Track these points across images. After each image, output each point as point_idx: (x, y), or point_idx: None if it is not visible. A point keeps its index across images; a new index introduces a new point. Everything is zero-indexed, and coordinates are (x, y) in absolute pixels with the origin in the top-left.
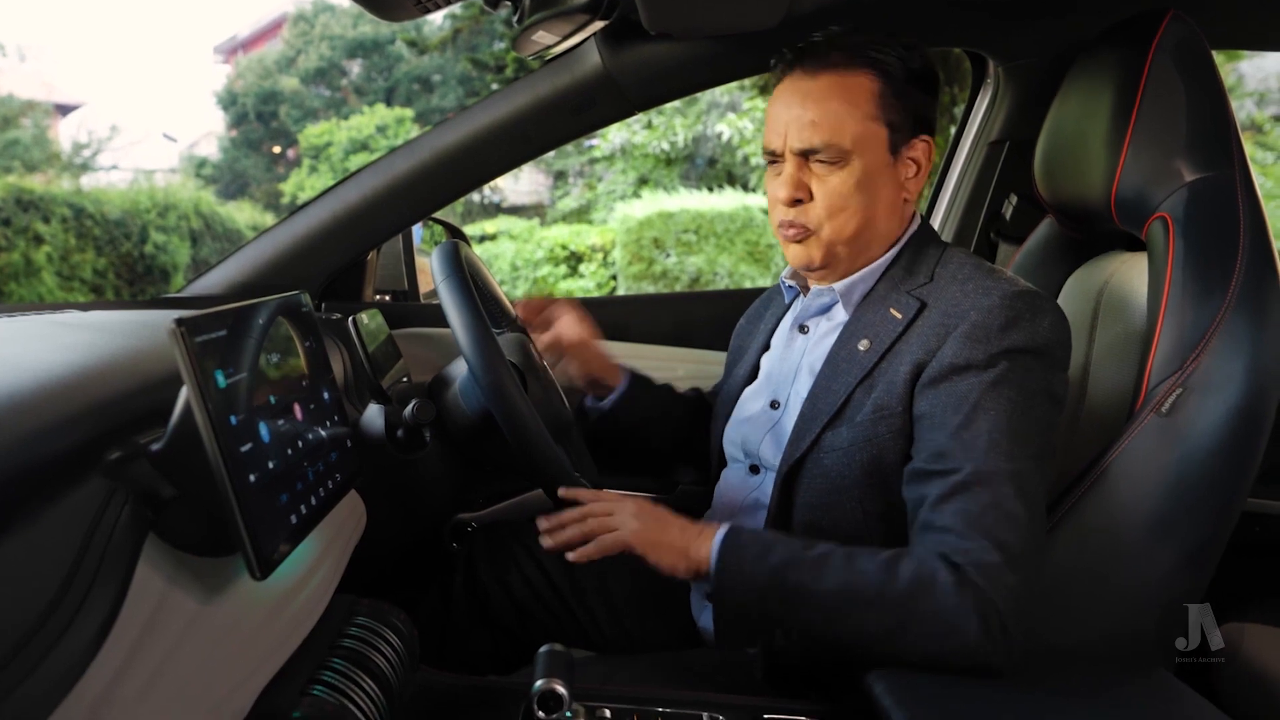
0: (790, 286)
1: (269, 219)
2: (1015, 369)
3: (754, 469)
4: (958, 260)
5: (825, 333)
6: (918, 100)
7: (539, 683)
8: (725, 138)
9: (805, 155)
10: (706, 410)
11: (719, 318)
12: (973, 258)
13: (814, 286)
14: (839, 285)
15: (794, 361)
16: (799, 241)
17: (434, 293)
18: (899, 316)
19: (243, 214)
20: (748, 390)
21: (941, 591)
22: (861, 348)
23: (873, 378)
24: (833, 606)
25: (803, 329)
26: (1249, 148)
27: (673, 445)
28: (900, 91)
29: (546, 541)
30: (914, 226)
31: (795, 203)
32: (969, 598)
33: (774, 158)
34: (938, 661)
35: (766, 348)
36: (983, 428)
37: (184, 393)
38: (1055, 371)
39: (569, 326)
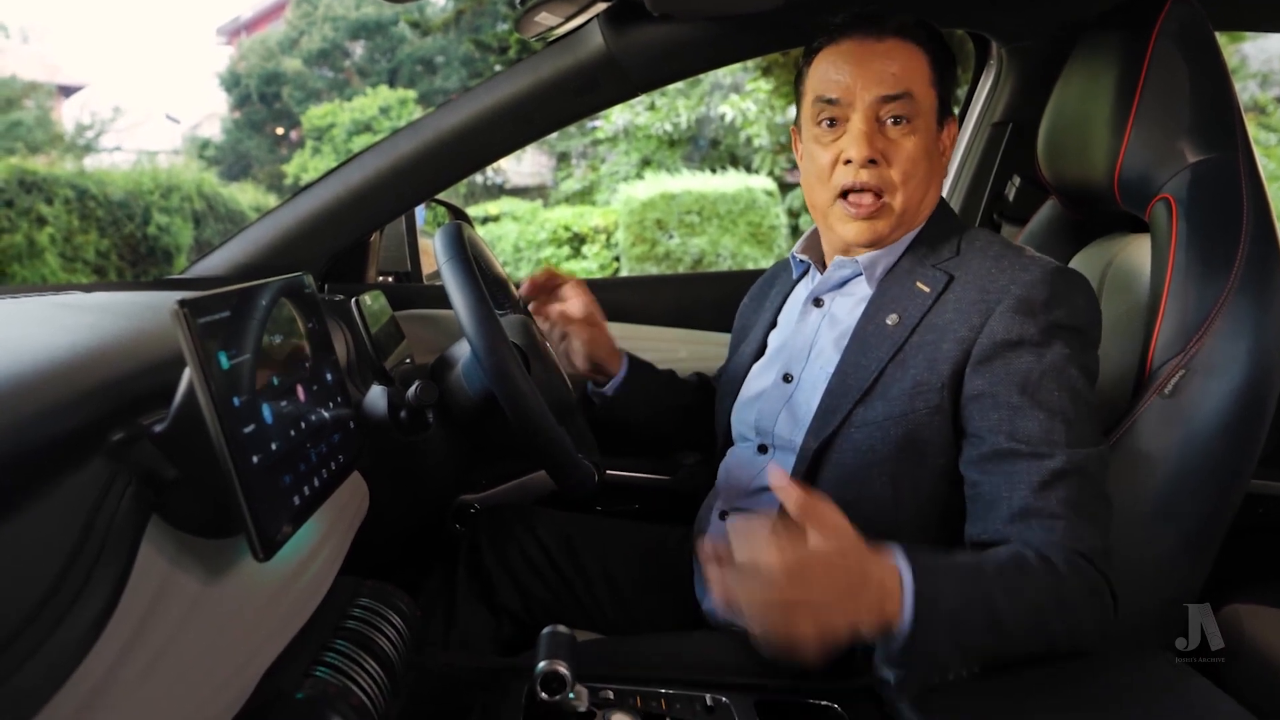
0: (801, 261)
1: (272, 200)
2: (1064, 347)
3: (762, 448)
4: (984, 238)
5: (845, 307)
6: (950, 82)
7: (542, 664)
8: (728, 119)
9: (883, 103)
10: (709, 394)
11: (722, 299)
12: (997, 236)
13: (836, 258)
14: (863, 259)
15: (808, 335)
16: (870, 218)
17: (437, 274)
18: (926, 290)
19: (245, 195)
20: (756, 366)
21: (1090, 585)
22: (890, 322)
23: (904, 353)
24: (1025, 626)
25: (818, 302)
26: (1252, 129)
27: (675, 430)
28: (943, 71)
29: (793, 506)
30: (938, 206)
31: (871, 162)
32: (1103, 587)
33: (832, 117)
34: (1077, 648)
35: (774, 325)
36: (1057, 408)
37: (187, 374)
38: (1090, 349)
39: (577, 305)
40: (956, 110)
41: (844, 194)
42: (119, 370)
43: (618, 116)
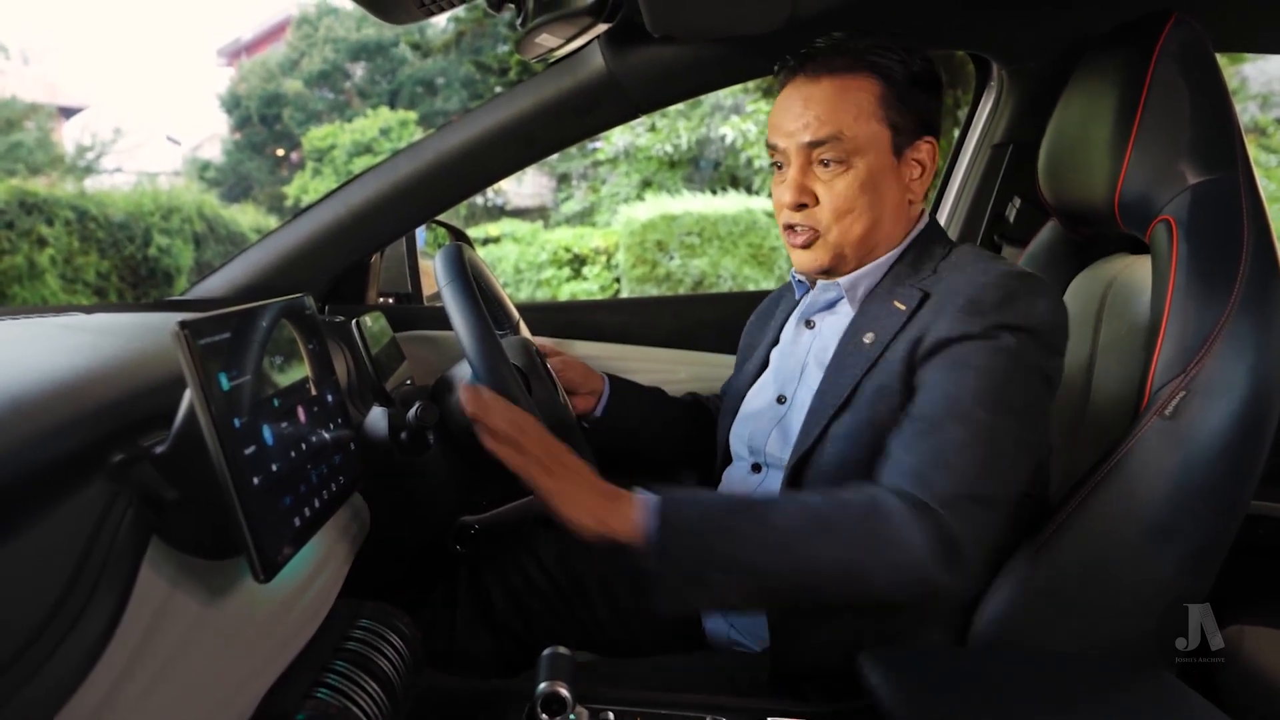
0: (801, 282)
1: (272, 222)
2: (1011, 340)
3: (755, 467)
4: (961, 252)
5: (831, 327)
6: (920, 102)
7: (542, 685)
8: (729, 140)
9: (811, 149)
10: (703, 413)
11: (722, 321)
12: (978, 250)
13: (820, 281)
14: (844, 280)
15: (800, 356)
16: (806, 246)
17: (437, 295)
18: (902, 308)
19: (246, 217)
20: (755, 386)
21: (895, 514)
22: (867, 340)
23: (877, 366)
24: (784, 544)
25: (809, 324)
26: (1253, 151)
27: (670, 447)
28: (902, 94)
29: (468, 406)
30: (921, 225)
31: (800, 206)
32: (925, 520)
33: (777, 162)
34: (897, 591)
35: (776, 342)
36: (969, 383)
37: (187, 395)
38: (1050, 355)
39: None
40: (960, 119)
41: (785, 226)
42: (119, 391)
43: (618, 138)
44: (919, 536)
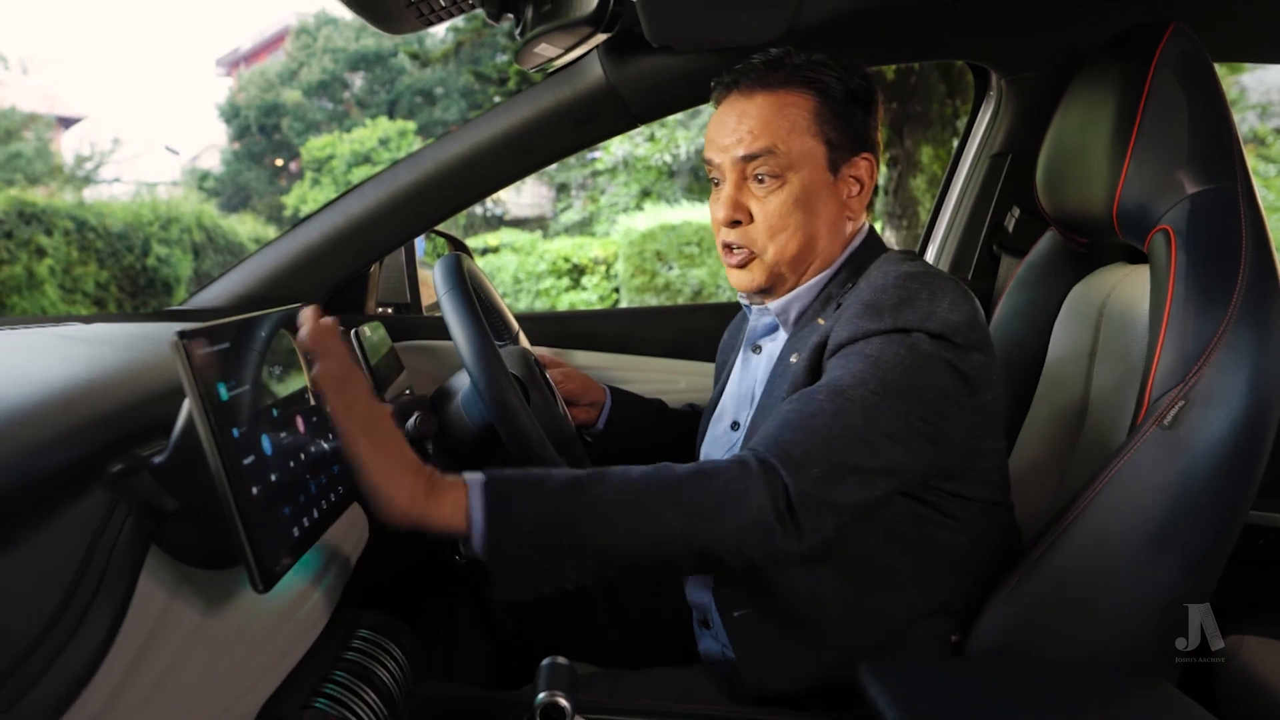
0: (749, 305)
1: (271, 232)
2: (911, 343)
3: None
4: (880, 260)
5: (775, 352)
6: (858, 119)
7: (542, 695)
8: None
9: (745, 163)
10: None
11: (721, 331)
12: (899, 254)
13: (755, 307)
14: (774, 305)
15: (750, 382)
16: (741, 266)
17: (436, 305)
18: (824, 324)
19: (245, 227)
20: (716, 411)
21: (728, 468)
22: (793, 360)
23: (796, 383)
24: (622, 512)
25: (756, 349)
26: (1251, 160)
27: (666, 458)
28: (839, 110)
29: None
30: (856, 242)
31: (734, 224)
32: (757, 473)
33: (714, 178)
34: (738, 549)
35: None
36: (855, 367)
37: (186, 405)
38: (961, 352)
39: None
40: (959, 128)
41: (722, 244)
42: (118, 401)
43: (617, 148)
44: (755, 492)
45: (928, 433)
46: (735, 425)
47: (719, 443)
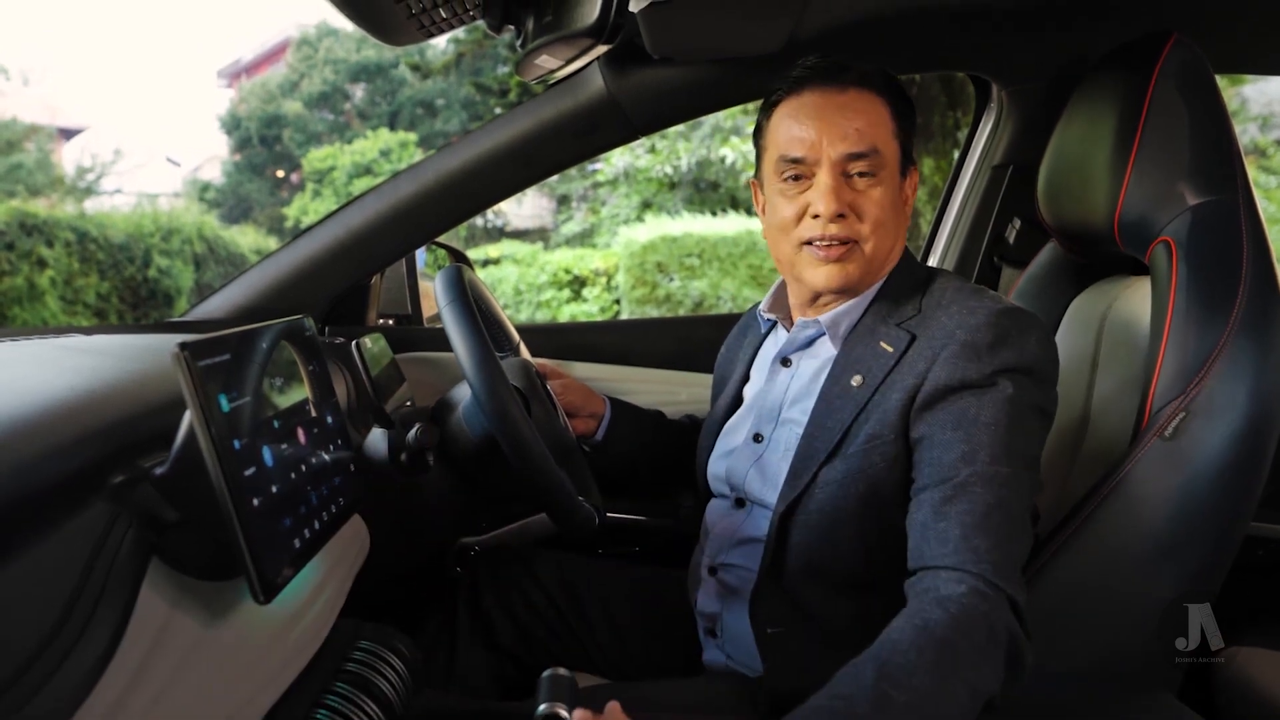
0: (768, 319)
1: (272, 243)
2: (1010, 386)
3: (739, 502)
4: (941, 285)
5: (811, 368)
6: (910, 131)
7: (542, 707)
8: (729, 161)
9: (848, 161)
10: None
11: (722, 342)
12: (956, 279)
13: (799, 319)
14: (824, 318)
15: (778, 396)
16: (839, 260)
17: (437, 317)
18: (890, 350)
19: (246, 238)
20: (729, 422)
21: (974, 610)
22: (855, 383)
23: (867, 411)
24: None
25: (785, 362)
26: (1252, 172)
27: (666, 471)
28: (901, 120)
29: None
30: (899, 258)
31: (839, 216)
32: (995, 599)
33: (797, 174)
34: (1003, 677)
35: (747, 379)
36: (983, 440)
37: (187, 417)
38: (1045, 388)
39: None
40: (960, 140)
41: (809, 240)
42: (120, 413)
43: (618, 159)
44: (997, 615)
45: (1036, 486)
46: (758, 438)
47: (740, 454)
